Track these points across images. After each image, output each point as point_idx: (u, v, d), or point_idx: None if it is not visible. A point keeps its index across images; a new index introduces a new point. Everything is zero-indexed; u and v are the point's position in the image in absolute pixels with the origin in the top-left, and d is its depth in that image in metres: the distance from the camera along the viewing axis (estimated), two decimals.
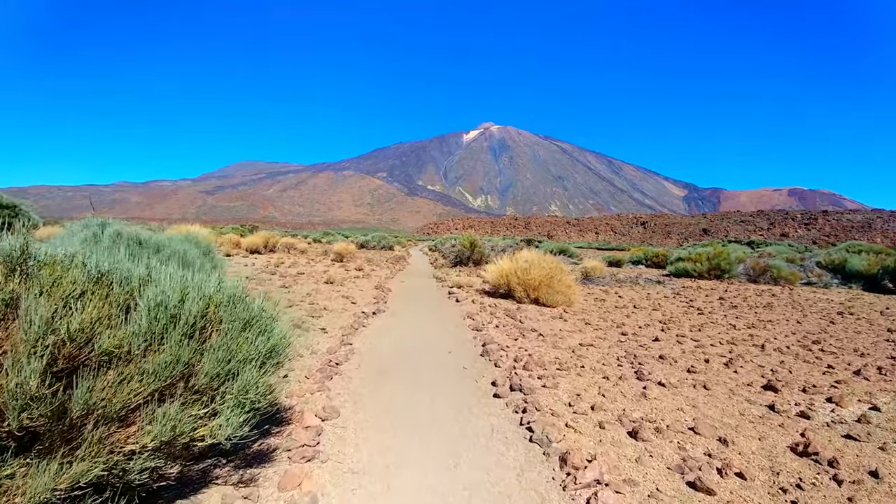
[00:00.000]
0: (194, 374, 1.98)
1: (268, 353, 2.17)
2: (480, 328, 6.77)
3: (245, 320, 2.16)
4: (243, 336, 2.12)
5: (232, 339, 2.03)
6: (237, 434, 1.92)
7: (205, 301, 2.09)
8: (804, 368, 5.28)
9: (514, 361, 5.02)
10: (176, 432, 1.82)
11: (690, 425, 3.44)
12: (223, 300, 2.14)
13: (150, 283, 2.29)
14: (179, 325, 2.01)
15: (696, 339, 6.46)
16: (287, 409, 3.43)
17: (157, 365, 1.91)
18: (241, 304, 2.22)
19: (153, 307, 2.03)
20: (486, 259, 18.04)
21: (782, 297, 11.97)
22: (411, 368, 4.79)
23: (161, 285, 2.12)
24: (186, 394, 2.02)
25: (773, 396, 4.32)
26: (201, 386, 1.97)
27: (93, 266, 2.29)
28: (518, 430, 3.31)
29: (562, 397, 3.94)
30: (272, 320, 2.36)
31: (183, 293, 2.13)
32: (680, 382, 4.47)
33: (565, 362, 5.06)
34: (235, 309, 2.17)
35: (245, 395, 1.96)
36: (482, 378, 4.54)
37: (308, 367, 4.58)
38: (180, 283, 2.20)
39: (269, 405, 2.18)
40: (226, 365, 1.96)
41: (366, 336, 6.15)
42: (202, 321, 2.08)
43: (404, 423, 3.38)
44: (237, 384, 1.95)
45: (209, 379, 1.95)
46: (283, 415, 3.32)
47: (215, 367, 1.95)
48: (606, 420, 3.43)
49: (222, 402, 1.97)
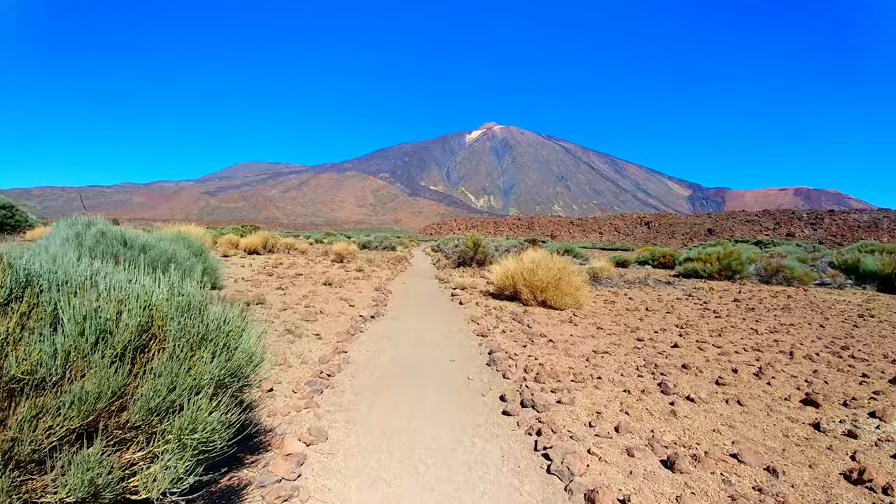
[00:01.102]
0: (128, 407, 1.54)
1: (228, 375, 1.74)
2: (486, 333, 6.31)
3: (201, 335, 1.72)
4: (198, 355, 1.68)
5: (179, 361, 1.60)
6: (177, 489, 1.48)
7: (147, 312, 1.65)
8: (839, 378, 4.82)
9: (524, 372, 4.56)
10: (97, 485, 1.39)
11: (732, 451, 2.98)
12: (172, 311, 1.70)
13: (92, 288, 1.86)
14: (112, 343, 1.57)
15: (719, 346, 5.99)
16: (268, 432, 2.99)
17: (77, 395, 1.48)
18: (196, 315, 1.78)
19: (79, 321, 1.59)
20: (490, 259, 17.58)
21: (799, 298, 11.47)
22: (411, 381, 4.34)
23: (91, 294, 1.68)
24: (118, 432, 1.59)
25: (815, 412, 3.86)
26: (137, 422, 1.53)
27: (20, 268, 1.86)
28: (533, 457, 2.86)
29: (580, 416, 3.48)
30: (238, 334, 1.92)
31: (122, 302, 1.69)
32: (710, 397, 4.01)
33: (580, 373, 4.60)
34: (189, 321, 1.74)
35: (191, 433, 1.52)
36: (489, 391, 4.09)
37: (297, 380, 4.14)
38: (123, 289, 1.76)
39: (228, 442, 1.74)
40: (167, 395, 1.52)
41: (362, 343, 5.71)
42: (143, 337, 1.65)
43: (402, 449, 2.93)
44: (180, 420, 1.52)
45: (146, 413, 1.51)
46: (263, 438, 2.87)
47: (155, 397, 1.52)
48: (635, 445, 2.97)
49: (165, 444, 1.53)
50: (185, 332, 1.67)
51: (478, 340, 6.05)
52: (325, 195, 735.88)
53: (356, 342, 5.70)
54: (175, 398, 1.54)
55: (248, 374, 1.89)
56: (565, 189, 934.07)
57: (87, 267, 2.09)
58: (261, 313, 6.90)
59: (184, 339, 1.65)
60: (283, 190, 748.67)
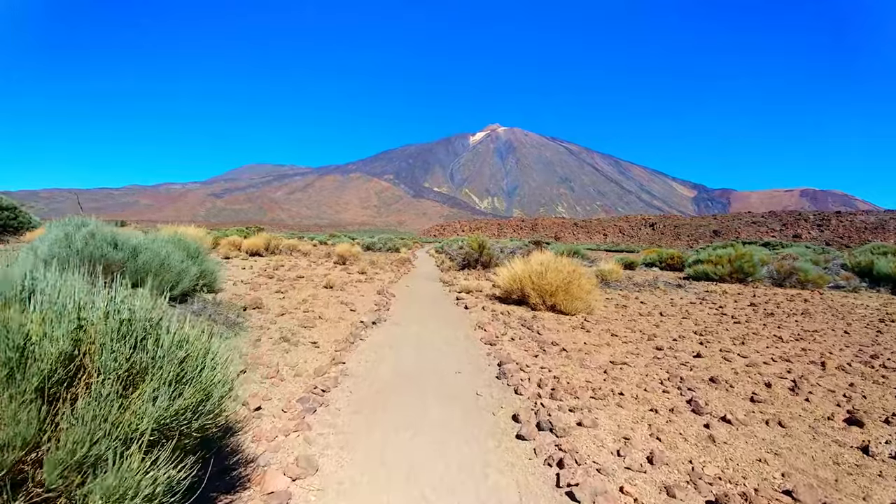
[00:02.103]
0: (41, 464, 1.16)
1: (178, 417, 1.36)
2: (494, 342, 5.92)
3: (142, 366, 1.35)
4: (138, 392, 1.31)
5: (108, 402, 1.23)
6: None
7: (73, 335, 1.28)
8: (877, 392, 4.41)
9: (538, 387, 4.16)
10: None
11: (784, 486, 2.58)
12: (107, 334, 1.33)
13: (30, 301, 1.49)
14: (21, 379, 1.20)
15: (745, 356, 5.57)
16: (249, 462, 2.61)
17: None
18: (142, 338, 1.41)
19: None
20: (496, 262, 17.17)
21: (816, 302, 11.00)
22: (414, 397, 3.95)
23: (10, 311, 1.31)
24: (38, 491, 1.21)
25: (860, 433, 3.46)
26: (52, 483, 1.16)
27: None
28: (555, 495, 2.46)
29: (606, 442, 3.08)
30: (199, 360, 1.54)
31: (43, 322, 1.31)
32: (748, 417, 3.60)
33: (599, 387, 4.20)
34: (126, 347, 1.36)
35: (120, 500, 1.15)
36: (500, 410, 3.70)
37: (289, 396, 3.76)
38: (49, 305, 1.39)
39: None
40: (89, 447, 1.15)
41: (362, 352, 5.33)
42: (67, 368, 1.28)
43: (403, 483, 2.54)
44: (104, 481, 1.14)
45: (61, 472, 1.14)
46: (242, 471, 2.49)
47: (73, 451, 1.15)
48: (674, 481, 2.56)
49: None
50: (120, 362, 1.30)
51: (485, 349, 5.65)
52: (330, 197, 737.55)
53: (355, 352, 5.32)
54: (98, 452, 1.17)
55: (212, 411, 1.52)
56: (569, 190, 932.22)
57: (28, 274, 1.72)
58: (256, 318, 6.54)
59: (116, 372, 1.28)
60: (289, 192, 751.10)
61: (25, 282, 1.69)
